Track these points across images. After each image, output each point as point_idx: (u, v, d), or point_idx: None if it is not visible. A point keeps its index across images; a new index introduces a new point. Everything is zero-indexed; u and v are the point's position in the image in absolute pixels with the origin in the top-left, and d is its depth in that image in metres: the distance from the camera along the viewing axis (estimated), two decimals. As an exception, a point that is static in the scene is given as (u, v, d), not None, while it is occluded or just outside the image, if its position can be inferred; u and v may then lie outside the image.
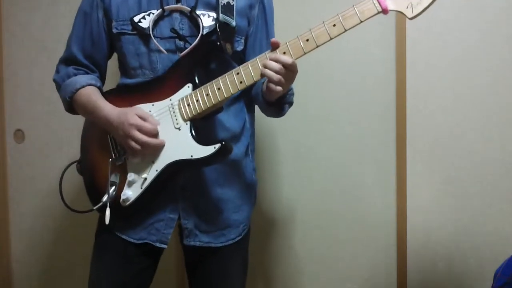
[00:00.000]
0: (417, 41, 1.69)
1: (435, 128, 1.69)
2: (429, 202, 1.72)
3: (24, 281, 2.25)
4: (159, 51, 1.23)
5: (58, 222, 2.13)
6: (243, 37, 1.31)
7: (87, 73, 1.32)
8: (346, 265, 1.83)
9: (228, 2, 1.24)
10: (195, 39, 1.21)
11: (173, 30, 1.23)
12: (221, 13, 1.21)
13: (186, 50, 1.21)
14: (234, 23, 1.24)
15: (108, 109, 1.22)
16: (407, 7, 1.08)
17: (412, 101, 1.71)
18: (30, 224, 2.19)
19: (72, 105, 1.30)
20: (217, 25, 1.20)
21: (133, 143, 1.17)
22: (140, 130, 1.17)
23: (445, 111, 1.68)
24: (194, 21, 1.24)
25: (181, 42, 1.23)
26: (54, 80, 1.35)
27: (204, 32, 1.21)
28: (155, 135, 1.19)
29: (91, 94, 1.27)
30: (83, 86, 1.28)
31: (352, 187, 1.80)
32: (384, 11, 1.09)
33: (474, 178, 1.67)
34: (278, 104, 1.27)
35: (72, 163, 1.35)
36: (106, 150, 1.26)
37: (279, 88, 1.14)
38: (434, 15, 1.67)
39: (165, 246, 1.29)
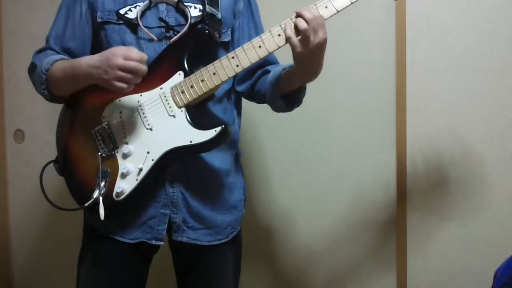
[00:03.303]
0: (417, 42, 1.69)
1: (435, 128, 1.69)
2: (429, 202, 1.72)
3: (24, 281, 2.25)
4: (148, 40, 1.23)
5: (58, 222, 2.13)
6: (229, 29, 1.31)
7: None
8: (346, 265, 1.83)
9: None
10: (182, 29, 1.21)
11: (161, 19, 1.23)
12: (207, 4, 1.23)
13: (177, 36, 1.20)
14: (219, 15, 1.25)
15: (87, 57, 1.19)
16: None
17: (412, 101, 1.71)
18: (30, 224, 2.19)
19: (48, 81, 1.24)
20: (204, 14, 1.21)
21: (120, 73, 1.11)
22: (126, 57, 1.12)
23: (445, 112, 1.68)
24: (180, 12, 1.24)
25: (168, 33, 1.23)
26: (29, 67, 1.30)
27: (192, 21, 1.22)
28: (142, 61, 1.14)
29: (67, 60, 1.24)
30: (62, 59, 1.24)
31: (352, 187, 1.80)
32: None
33: (474, 178, 1.67)
34: (293, 96, 1.25)
35: (49, 163, 1.31)
36: (90, 145, 1.23)
37: (310, 44, 1.10)
38: (434, 15, 1.67)
39: (162, 243, 1.27)
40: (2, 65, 2.17)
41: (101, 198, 1.18)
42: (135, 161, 1.20)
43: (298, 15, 1.11)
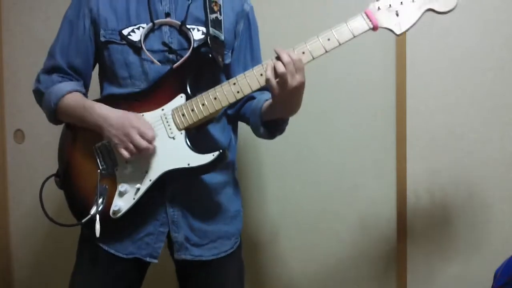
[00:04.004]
0: (417, 42, 1.69)
1: (435, 128, 1.69)
2: (429, 203, 1.72)
3: (24, 282, 2.25)
4: (151, 61, 1.23)
5: (58, 222, 2.13)
6: (230, 51, 1.32)
7: (72, 81, 1.30)
8: (346, 266, 1.83)
9: (216, 17, 1.26)
10: (186, 52, 1.22)
11: (164, 43, 1.23)
12: (211, 27, 1.23)
13: (180, 61, 1.21)
14: (223, 37, 1.26)
15: (107, 108, 1.20)
16: (395, 25, 1.16)
17: (412, 101, 1.71)
18: (30, 224, 2.19)
19: (56, 113, 1.26)
20: (208, 38, 1.21)
21: (130, 145, 1.15)
22: (142, 134, 1.15)
23: (445, 112, 1.68)
24: (183, 35, 1.25)
25: (171, 56, 1.24)
26: (36, 90, 1.31)
27: (195, 45, 1.22)
28: (151, 143, 1.17)
29: (79, 97, 1.25)
30: (70, 92, 1.25)
31: (352, 188, 1.80)
32: (375, 28, 1.16)
33: (474, 178, 1.67)
34: (274, 125, 1.28)
35: (50, 176, 1.32)
36: (91, 161, 1.23)
37: (284, 86, 1.12)
38: (434, 15, 1.67)
39: (156, 261, 1.28)
40: (2, 65, 2.17)
41: (97, 216, 1.18)
42: (133, 180, 1.20)
43: (278, 58, 1.13)
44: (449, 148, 1.69)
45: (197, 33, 1.24)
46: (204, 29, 1.24)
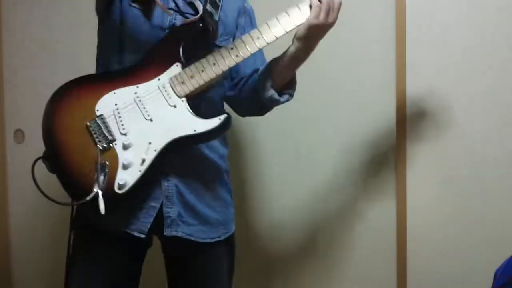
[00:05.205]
0: (417, 41, 1.69)
1: (435, 128, 1.69)
2: (429, 203, 1.72)
3: (24, 281, 2.25)
4: (159, 28, 1.24)
5: (58, 222, 2.13)
6: (231, 37, 1.33)
7: None
8: (345, 266, 1.83)
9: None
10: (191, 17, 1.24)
11: (175, 6, 1.26)
12: (208, 3, 1.25)
13: (189, 20, 1.22)
14: (217, 17, 1.28)
15: None
16: None
17: (412, 101, 1.70)
18: (30, 224, 2.19)
19: None
20: (204, 11, 1.24)
21: None
22: None
23: (445, 111, 1.68)
24: (191, 5, 1.27)
25: (176, 19, 1.25)
26: None
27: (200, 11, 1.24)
28: None
29: None
30: None
31: (351, 187, 1.79)
32: None
33: (474, 178, 1.67)
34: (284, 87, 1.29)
35: (37, 159, 1.28)
36: (84, 138, 1.20)
37: (321, 20, 1.15)
38: (434, 14, 1.67)
39: (143, 236, 1.24)
40: (2, 65, 2.17)
41: (100, 192, 1.15)
42: (136, 152, 1.18)
43: None
44: (449, 148, 1.69)
45: (200, 5, 1.26)
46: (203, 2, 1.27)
